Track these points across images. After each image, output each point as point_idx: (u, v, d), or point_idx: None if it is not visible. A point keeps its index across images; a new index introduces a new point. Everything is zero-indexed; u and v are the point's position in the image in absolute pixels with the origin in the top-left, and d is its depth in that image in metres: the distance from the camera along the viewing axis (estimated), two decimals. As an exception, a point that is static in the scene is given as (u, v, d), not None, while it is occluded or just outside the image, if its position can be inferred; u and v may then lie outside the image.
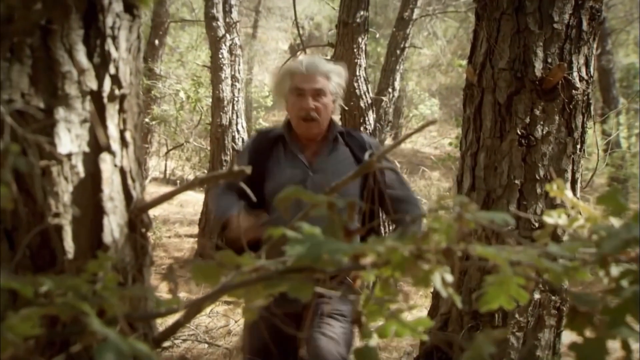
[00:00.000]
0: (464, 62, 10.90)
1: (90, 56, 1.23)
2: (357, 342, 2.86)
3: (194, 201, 11.71)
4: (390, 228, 5.34)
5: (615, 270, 0.87)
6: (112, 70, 1.26)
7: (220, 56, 9.04)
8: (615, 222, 0.92)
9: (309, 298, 0.92)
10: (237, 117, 9.42)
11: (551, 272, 0.88)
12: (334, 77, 3.35)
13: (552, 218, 1.06)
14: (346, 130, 3.44)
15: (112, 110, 1.27)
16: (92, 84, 1.23)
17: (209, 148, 10.19)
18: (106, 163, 1.25)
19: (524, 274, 0.90)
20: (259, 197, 3.01)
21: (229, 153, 9.01)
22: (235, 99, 9.32)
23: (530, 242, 0.92)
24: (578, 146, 1.97)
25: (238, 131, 9.53)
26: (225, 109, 9.02)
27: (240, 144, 9.59)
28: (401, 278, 0.96)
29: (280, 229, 0.97)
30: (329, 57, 7.16)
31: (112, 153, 1.27)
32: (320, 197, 0.98)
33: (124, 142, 1.30)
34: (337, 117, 3.51)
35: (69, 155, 1.20)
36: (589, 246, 0.88)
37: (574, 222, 1.05)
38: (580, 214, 1.06)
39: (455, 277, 0.92)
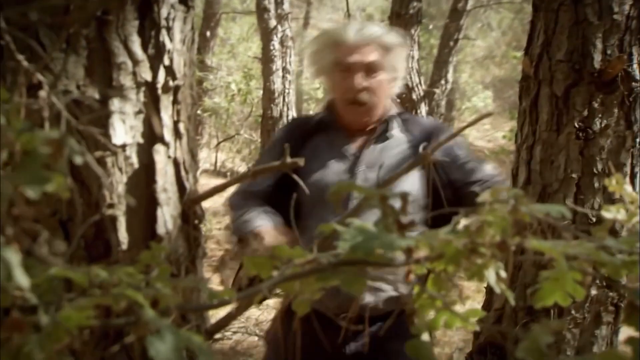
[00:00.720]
0: (519, 54, 10.79)
1: (144, 47, 1.23)
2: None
3: (244, 193, 11.77)
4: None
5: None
6: (166, 61, 1.26)
7: (272, 48, 9.05)
8: None
9: (361, 292, 0.91)
10: (287, 109, 9.43)
11: (609, 266, 0.85)
12: (393, 47, 2.67)
13: (611, 213, 1.03)
14: (405, 114, 2.79)
15: (166, 102, 1.27)
16: (147, 75, 1.23)
17: (259, 140, 10.22)
18: (160, 154, 1.26)
19: (581, 269, 0.87)
20: (288, 199, 1.77)
21: (280, 145, 9.03)
22: (286, 90, 9.32)
23: (587, 236, 0.90)
24: (638, 140, 1.92)
25: (289, 123, 9.55)
26: (276, 101, 9.03)
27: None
28: (454, 272, 0.94)
29: (330, 224, 0.95)
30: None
31: (166, 144, 1.27)
32: (373, 190, 0.96)
33: (177, 134, 1.30)
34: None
35: (123, 146, 1.21)
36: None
37: (632, 217, 1.02)
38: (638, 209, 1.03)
39: (510, 271, 0.90)
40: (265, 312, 6.20)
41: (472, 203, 0.93)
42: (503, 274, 0.91)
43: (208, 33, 13.81)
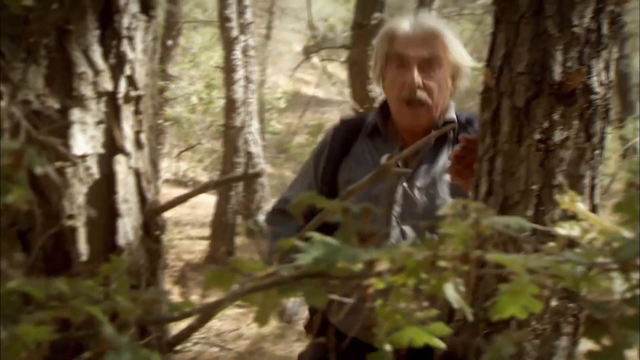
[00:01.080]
0: (480, 65, 10.87)
1: (106, 57, 1.23)
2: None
3: (205, 203, 11.66)
4: None
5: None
6: (127, 71, 1.25)
7: (234, 57, 9.03)
8: (628, 234, 0.90)
9: (324, 304, 0.91)
10: (250, 118, 9.43)
11: (569, 279, 0.86)
12: (455, 43, 2.37)
13: (564, 229, 1.04)
14: (466, 117, 2.43)
15: (127, 112, 1.26)
16: (108, 85, 1.22)
17: (221, 150, 10.18)
18: (121, 165, 1.25)
19: (540, 282, 0.88)
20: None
21: (241, 155, 8.99)
22: (249, 100, 9.32)
23: (547, 248, 0.90)
24: (597, 152, 1.95)
25: (251, 133, 9.54)
26: (239, 110, 9.01)
27: (253, 145, 9.58)
28: (415, 286, 0.94)
29: (292, 240, 0.95)
30: (343, 60, 7.14)
31: (127, 155, 1.26)
32: (334, 202, 0.96)
33: (139, 144, 1.29)
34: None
35: (83, 157, 1.20)
36: (605, 255, 0.86)
37: (586, 234, 1.03)
38: (592, 226, 1.04)
39: (472, 283, 0.90)
40: (226, 323, 6.17)
41: None
42: (462, 288, 0.91)
43: (170, 42, 13.73)
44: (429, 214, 2.30)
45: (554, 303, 2.01)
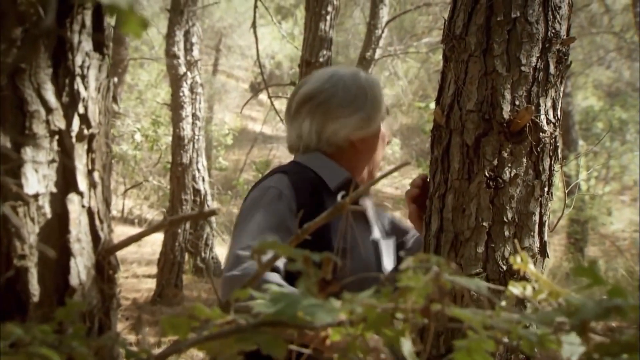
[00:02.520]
0: (424, 104, 11.03)
1: (59, 95, 1.21)
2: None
3: (152, 240, 11.50)
4: None
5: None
6: (81, 109, 1.24)
7: (181, 94, 8.99)
8: (580, 297, 0.90)
9: (283, 355, 0.89)
10: (197, 155, 9.39)
11: (525, 341, 0.86)
12: None
13: (517, 289, 1.05)
14: None
15: (80, 150, 1.25)
16: (61, 124, 1.21)
17: (168, 187, 10.10)
18: (74, 204, 1.23)
19: (496, 339, 0.88)
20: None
21: (189, 192, 8.92)
22: (196, 137, 9.28)
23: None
24: (545, 189, 1.98)
25: (198, 170, 9.50)
26: (186, 147, 8.95)
27: (200, 183, 9.53)
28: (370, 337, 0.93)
29: (247, 290, 0.94)
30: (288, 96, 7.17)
31: (80, 194, 1.24)
32: (298, 251, 0.96)
33: (92, 183, 1.27)
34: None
35: (36, 196, 1.18)
36: (562, 315, 0.86)
37: (538, 294, 1.04)
38: (542, 287, 1.05)
39: (431, 337, 0.90)
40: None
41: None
42: (412, 344, 0.91)
43: (116, 79, 13.66)
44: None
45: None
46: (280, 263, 2.06)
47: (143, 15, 0.85)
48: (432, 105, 2.11)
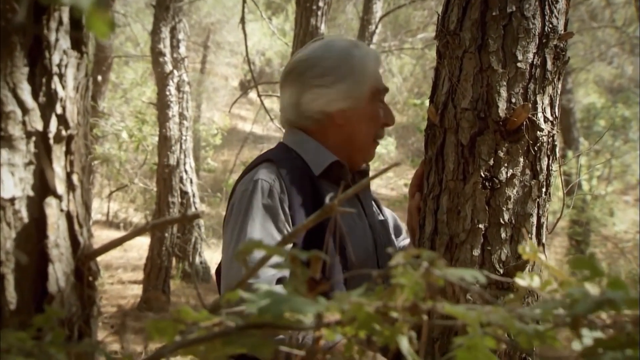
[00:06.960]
0: (419, 101, 10.93)
1: (35, 95, 1.17)
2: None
3: (138, 245, 11.36)
4: None
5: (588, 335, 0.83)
6: (58, 110, 1.20)
7: (168, 93, 8.90)
8: (591, 287, 0.87)
9: (270, 356, 0.86)
10: (185, 156, 9.30)
11: (522, 336, 0.84)
12: None
13: (525, 281, 1.02)
14: None
15: (58, 152, 1.21)
16: (38, 125, 1.17)
17: (154, 189, 10.00)
18: (52, 208, 1.19)
19: (495, 336, 0.85)
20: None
21: (176, 194, 8.85)
22: (183, 137, 9.21)
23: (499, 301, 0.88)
24: (543, 189, 1.95)
25: (186, 171, 9.38)
26: (173, 148, 8.88)
27: (188, 184, 9.44)
28: (367, 337, 0.91)
29: (236, 292, 0.91)
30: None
31: (58, 197, 1.20)
32: (283, 250, 0.92)
33: (70, 186, 1.23)
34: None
35: (12, 200, 1.13)
36: (562, 308, 0.84)
37: (547, 285, 1.00)
38: (553, 277, 1.01)
39: (424, 335, 0.87)
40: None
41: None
42: (415, 340, 0.88)
43: (100, 77, 13.54)
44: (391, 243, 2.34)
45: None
46: (287, 272, 1.90)
47: (109, 15, 0.81)
48: (428, 102, 2.03)
